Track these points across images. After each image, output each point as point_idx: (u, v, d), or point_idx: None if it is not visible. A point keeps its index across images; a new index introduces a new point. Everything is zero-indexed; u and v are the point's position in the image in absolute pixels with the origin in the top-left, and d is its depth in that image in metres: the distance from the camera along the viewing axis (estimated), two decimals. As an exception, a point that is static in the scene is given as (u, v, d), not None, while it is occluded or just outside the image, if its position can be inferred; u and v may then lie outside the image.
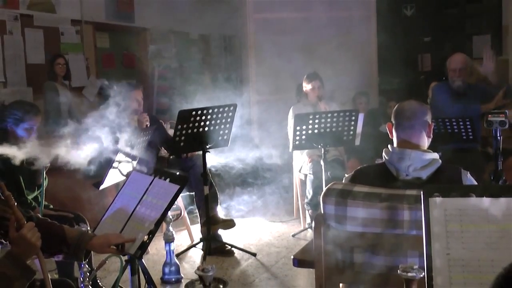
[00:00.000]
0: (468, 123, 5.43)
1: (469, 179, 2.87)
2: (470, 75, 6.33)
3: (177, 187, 2.70)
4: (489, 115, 4.06)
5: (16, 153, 4.27)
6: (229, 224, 5.80)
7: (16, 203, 2.45)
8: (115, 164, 4.43)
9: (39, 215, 2.80)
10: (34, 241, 2.40)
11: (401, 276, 2.02)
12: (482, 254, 1.92)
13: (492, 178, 4.09)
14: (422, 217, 2.03)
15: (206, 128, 5.35)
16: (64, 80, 7.50)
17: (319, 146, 5.74)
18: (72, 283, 2.95)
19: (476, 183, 2.93)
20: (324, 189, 2.83)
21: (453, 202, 2.02)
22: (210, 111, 5.34)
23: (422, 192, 2.07)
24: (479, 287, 1.86)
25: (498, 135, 4.05)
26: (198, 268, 2.39)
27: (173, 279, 4.95)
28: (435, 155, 2.94)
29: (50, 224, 2.61)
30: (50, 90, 7.17)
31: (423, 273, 1.97)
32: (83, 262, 2.93)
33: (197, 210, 5.93)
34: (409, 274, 2.00)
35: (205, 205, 5.54)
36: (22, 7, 7.50)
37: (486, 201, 2.01)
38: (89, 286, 3.37)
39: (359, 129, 5.93)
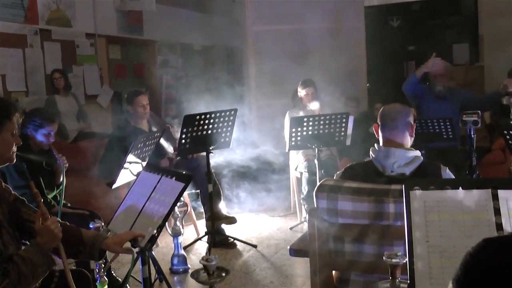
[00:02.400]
0: (448, 123, 5.45)
1: (448, 174, 2.88)
2: (451, 80, 6.35)
3: (182, 185, 2.71)
4: (464, 115, 4.09)
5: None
6: (231, 220, 5.82)
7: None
8: (126, 165, 4.45)
9: (59, 219, 2.82)
10: (56, 232, 2.50)
11: (387, 262, 2.04)
12: (457, 241, 1.93)
13: (467, 172, 4.12)
14: (404, 208, 2.05)
15: (210, 131, 5.36)
16: (65, 92, 7.44)
17: (313, 147, 5.75)
18: (88, 273, 2.97)
19: (454, 177, 2.94)
20: (317, 185, 2.85)
21: (431, 194, 2.04)
22: (213, 115, 5.35)
23: (403, 186, 2.09)
24: (455, 271, 1.88)
25: (472, 133, 4.07)
26: (202, 258, 2.40)
27: (181, 269, 4.97)
28: (418, 153, 2.95)
29: (68, 226, 2.64)
30: (47, 105, 7.15)
31: (406, 259, 1.99)
32: (98, 262, 2.96)
33: (202, 207, 5.95)
34: (393, 261, 2.02)
35: (209, 202, 5.55)
36: (41, 22, 7.53)
37: (460, 193, 2.03)
38: (104, 276, 3.39)
39: (349, 130, 5.93)
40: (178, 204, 4.15)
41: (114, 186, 4.55)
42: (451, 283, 0.91)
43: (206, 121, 5.30)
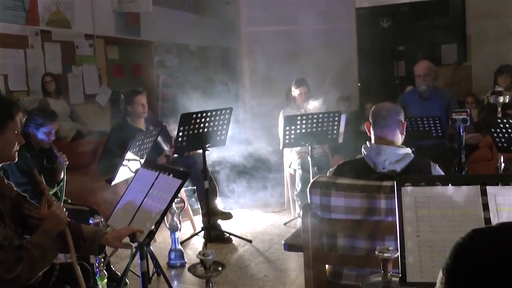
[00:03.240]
0: (437, 122, 5.46)
1: (437, 170, 2.89)
2: (435, 80, 6.38)
3: (179, 181, 2.71)
4: (453, 113, 4.11)
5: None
6: (227, 216, 5.83)
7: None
8: (124, 162, 4.44)
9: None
10: (62, 216, 2.56)
11: (378, 256, 2.05)
12: (447, 235, 1.94)
13: (456, 169, 4.13)
14: (395, 204, 2.06)
15: (206, 129, 5.36)
16: (57, 95, 7.30)
17: (307, 144, 5.75)
18: (89, 267, 2.97)
19: (443, 174, 2.95)
20: (310, 182, 2.85)
21: (422, 190, 2.05)
22: (209, 114, 5.35)
23: (395, 182, 2.09)
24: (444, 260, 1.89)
25: (461, 131, 4.09)
26: (199, 253, 2.41)
27: (178, 264, 4.97)
28: (408, 150, 2.96)
29: (69, 222, 2.64)
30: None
31: (397, 254, 2.00)
32: (98, 256, 2.96)
33: (198, 203, 5.94)
34: (385, 255, 2.02)
35: (206, 198, 5.55)
36: (42, 24, 7.51)
37: (450, 189, 2.04)
38: (104, 270, 3.39)
39: (342, 128, 5.94)
40: (175, 200, 4.14)
41: (113, 183, 4.54)
42: (441, 272, 0.93)
43: (202, 120, 5.30)
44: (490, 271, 0.87)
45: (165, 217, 3.77)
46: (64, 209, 2.59)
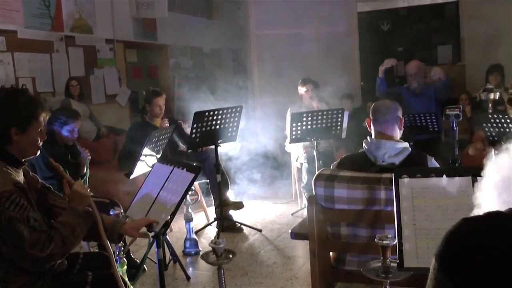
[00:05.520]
0: (433, 117, 5.44)
1: (433, 163, 2.88)
2: (425, 78, 6.36)
3: (192, 175, 2.70)
4: (447, 109, 4.09)
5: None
6: (238, 205, 5.81)
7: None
8: (142, 158, 4.45)
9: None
10: (84, 192, 2.56)
11: (378, 244, 2.04)
12: (441, 224, 1.93)
13: (450, 162, 4.11)
14: (393, 195, 2.05)
15: (218, 126, 5.35)
16: (79, 98, 7.28)
17: (312, 139, 5.74)
18: (108, 255, 2.98)
19: (439, 166, 2.94)
20: (315, 174, 2.84)
21: (418, 182, 2.04)
22: (221, 112, 5.34)
23: (393, 174, 2.08)
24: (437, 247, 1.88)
25: (454, 126, 4.06)
26: (211, 242, 2.41)
27: (193, 252, 4.98)
28: (406, 144, 2.95)
29: (91, 213, 2.65)
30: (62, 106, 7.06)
31: (395, 241, 1.99)
32: (118, 245, 2.96)
33: (212, 195, 5.95)
34: (384, 242, 2.02)
35: (218, 191, 5.55)
36: (66, 30, 7.53)
37: (444, 180, 2.03)
38: (124, 258, 3.40)
39: (345, 124, 5.92)
40: (190, 192, 4.15)
41: (131, 177, 4.56)
42: (434, 258, 0.93)
43: (214, 117, 5.29)
44: (478, 256, 0.88)
45: (180, 208, 3.78)
46: (86, 186, 2.60)
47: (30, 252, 2.30)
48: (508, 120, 4.45)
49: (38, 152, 2.61)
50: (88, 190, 2.60)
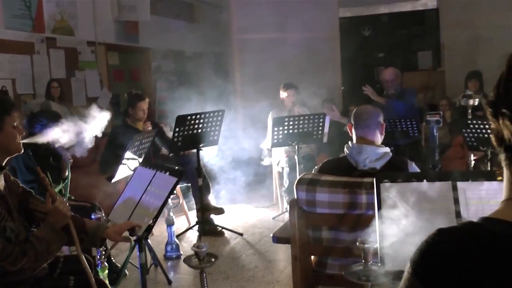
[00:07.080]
0: (414, 122, 5.49)
1: (413, 167, 2.91)
2: (401, 84, 6.43)
3: (175, 179, 2.71)
4: (427, 116, 4.14)
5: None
6: (219, 211, 5.81)
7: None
8: (124, 161, 4.44)
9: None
10: (65, 211, 2.53)
11: (359, 247, 2.06)
12: (422, 228, 1.96)
13: (431, 166, 4.17)
14: (375, 199, 2.07)
15: (200, 130, 5.36)
16: (60, 101, 7.20)
17: (294, 144, 5.76)
18: (91, 259, 2.97)
19: (419, 171, 2.98)
20: (297, 178, 2.86)
21: (399, 186, 2.06)
22: (203, 116, 5.35)
23: (374, 179, 2.11)
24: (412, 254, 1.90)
25: (435, 132, 4.12)
26: (194, 245, 2.42)
27: (174, 256, 4.97)
28: (387, 149, 2.98)
29: (73, 216, 2.64)
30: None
31: (376, 245, 2.01)
32: (99, 249, 2.95)
33: (193, 199, 5.94)
34: (366, 246, 2.04)
35: (199, 195, 5.55)
36: (47, 31, 7.48)
37: (425, 185, 2.05)
38: (105, 262, 3.39)
39: (326, 129, 5.95)
40: (171, 196, 4.14)
41: (113, 180, 4.54)
42: (409, 263, 0.96)
43: (197, 121, 5.30)
44: (450, 266, 0.90)
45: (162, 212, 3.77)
46: (67, 204, 2.59)
47: (0, 264, 2.29)
48: (487, 126, 4.52)
49: (22, 149, 2.60)
50: (70, 212, 2.58)
